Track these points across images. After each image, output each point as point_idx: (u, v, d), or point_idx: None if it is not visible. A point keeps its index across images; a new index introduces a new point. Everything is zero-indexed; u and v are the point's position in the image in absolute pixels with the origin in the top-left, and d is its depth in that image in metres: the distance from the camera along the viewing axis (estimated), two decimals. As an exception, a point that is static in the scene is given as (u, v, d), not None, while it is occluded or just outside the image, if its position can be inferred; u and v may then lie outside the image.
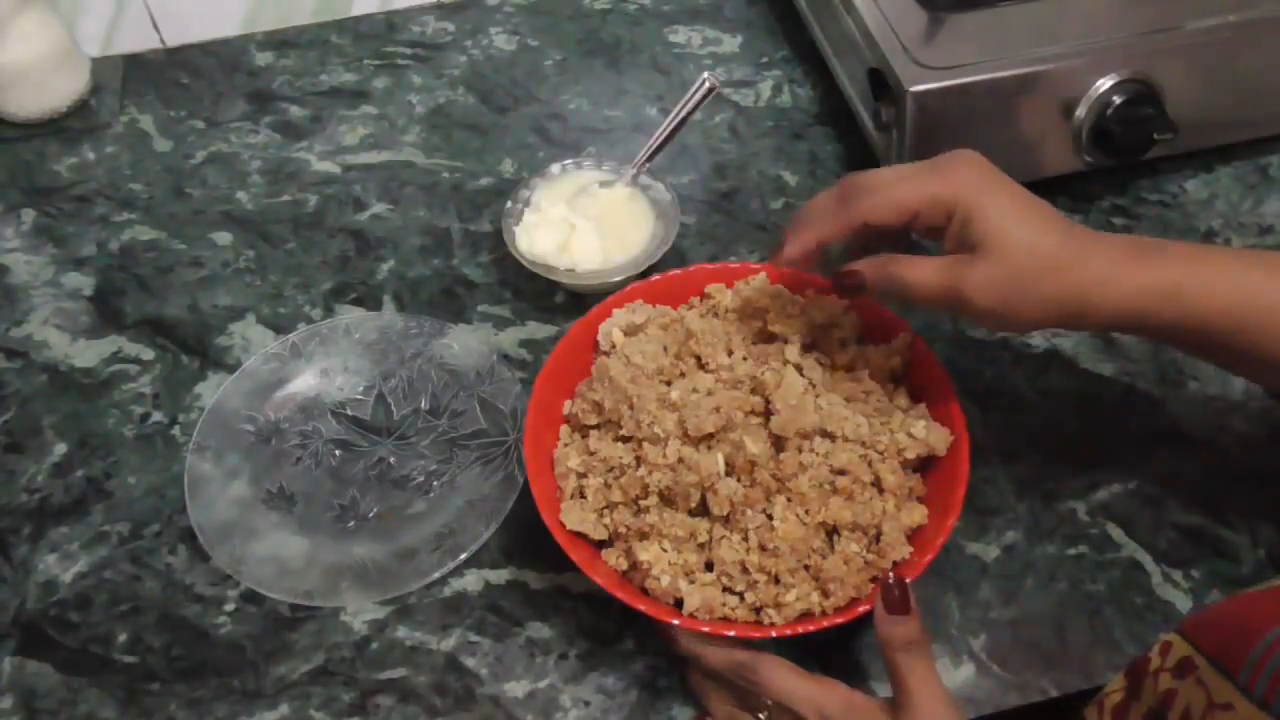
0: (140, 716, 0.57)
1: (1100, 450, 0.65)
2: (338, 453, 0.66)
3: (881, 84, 0.72)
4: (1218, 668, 0.42)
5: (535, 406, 0.58)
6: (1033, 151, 0.73)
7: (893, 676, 0.47)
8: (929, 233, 0.50)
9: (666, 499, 0.54)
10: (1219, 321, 0.48)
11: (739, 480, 0.54)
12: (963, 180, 0.48)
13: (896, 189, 0.49)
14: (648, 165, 0.75)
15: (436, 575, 0.60)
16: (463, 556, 0.60)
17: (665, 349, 0.59)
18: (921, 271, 0.49)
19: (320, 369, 0.70)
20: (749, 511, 0.53)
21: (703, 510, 0.54)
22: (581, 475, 0.57)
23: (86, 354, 0.73)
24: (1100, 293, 0.48)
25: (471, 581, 0.61)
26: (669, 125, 0.74)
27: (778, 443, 0.54)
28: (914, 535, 0.54)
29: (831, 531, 0.54)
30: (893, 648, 0.47)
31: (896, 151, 0.72)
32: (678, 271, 0.64)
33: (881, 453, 0.55)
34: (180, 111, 0.89)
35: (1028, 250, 0.47)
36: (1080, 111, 0.70)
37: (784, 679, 0.49)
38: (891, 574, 0.49)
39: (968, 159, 0.49)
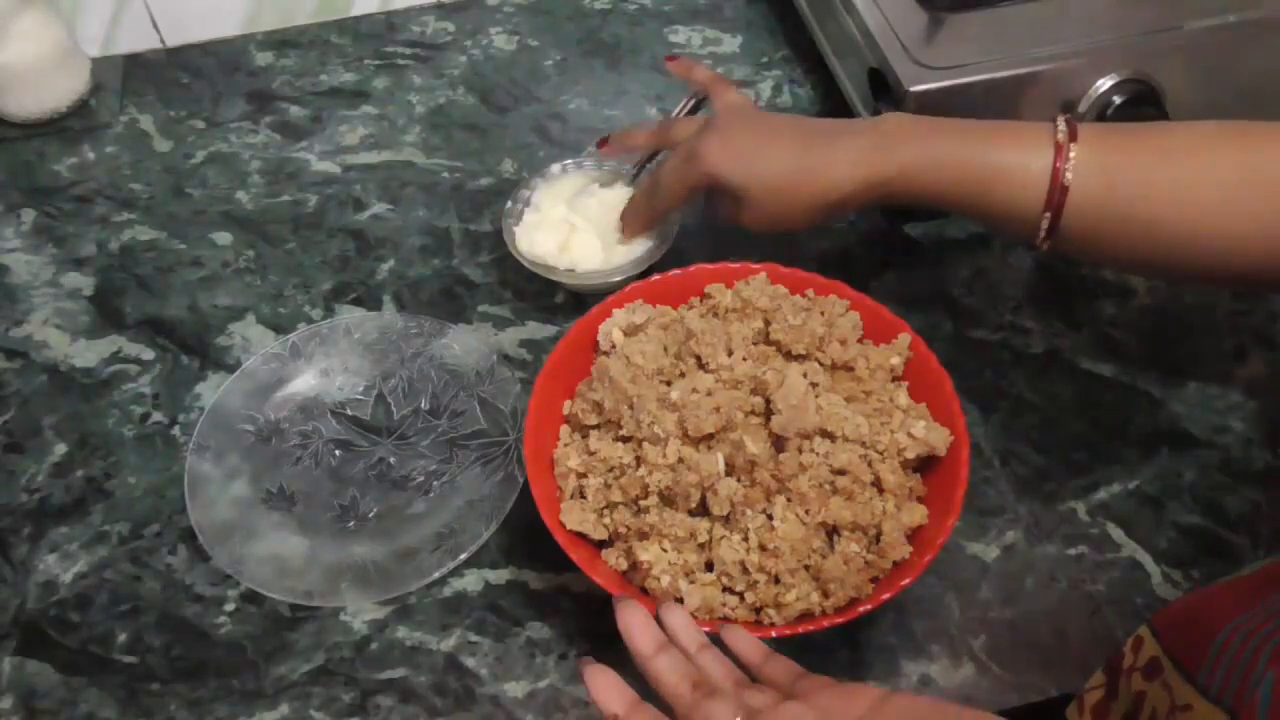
0: (140, 716, 0.57)
1: (1100, 450, 0.65)
2: (338, 453, 0.66)
3: (881, 84, 0.72)
4: (1179, 668, 0.44)
5: (535, 406, 0.58)
6: (1033, 151, 0.73)
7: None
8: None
9: (666, 499, 0.54)
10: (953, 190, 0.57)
11: (739, 480, 0.54)
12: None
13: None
14: (648, 165, 0.75)
15: (436, 575, 0.60)
16: (463, 556, 0.60)
17: (665, 349, 0.59)
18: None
19: (320, 369, 0.70)
20: (749, 511, 0.53)
21: (703, 510, 0.54)
22: (581, 475, 0.57)
23: (86, 354, 0.73)
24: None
25: (471, 581, 0.61)
26: (669, 125, 0.74)
27: (778, 443, 0.54)
28: (914, 535, 0.54)
29: (831, 531, 0.54)
30: None
31: (896, 151, 0.72)
32: (678, 271, 0.64)
33: (881, 453, 0.55)
34: (180, 111, 0.89)
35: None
36: (1080, 111, 0.70)
37: None
38: None
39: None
